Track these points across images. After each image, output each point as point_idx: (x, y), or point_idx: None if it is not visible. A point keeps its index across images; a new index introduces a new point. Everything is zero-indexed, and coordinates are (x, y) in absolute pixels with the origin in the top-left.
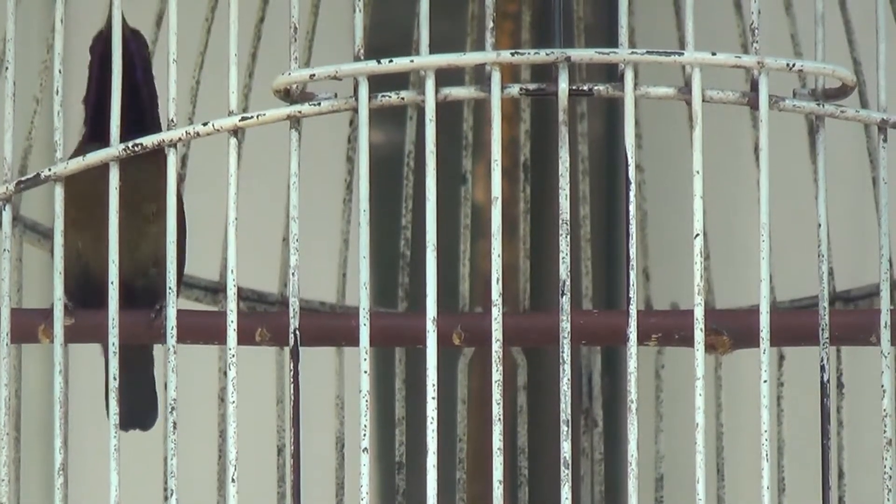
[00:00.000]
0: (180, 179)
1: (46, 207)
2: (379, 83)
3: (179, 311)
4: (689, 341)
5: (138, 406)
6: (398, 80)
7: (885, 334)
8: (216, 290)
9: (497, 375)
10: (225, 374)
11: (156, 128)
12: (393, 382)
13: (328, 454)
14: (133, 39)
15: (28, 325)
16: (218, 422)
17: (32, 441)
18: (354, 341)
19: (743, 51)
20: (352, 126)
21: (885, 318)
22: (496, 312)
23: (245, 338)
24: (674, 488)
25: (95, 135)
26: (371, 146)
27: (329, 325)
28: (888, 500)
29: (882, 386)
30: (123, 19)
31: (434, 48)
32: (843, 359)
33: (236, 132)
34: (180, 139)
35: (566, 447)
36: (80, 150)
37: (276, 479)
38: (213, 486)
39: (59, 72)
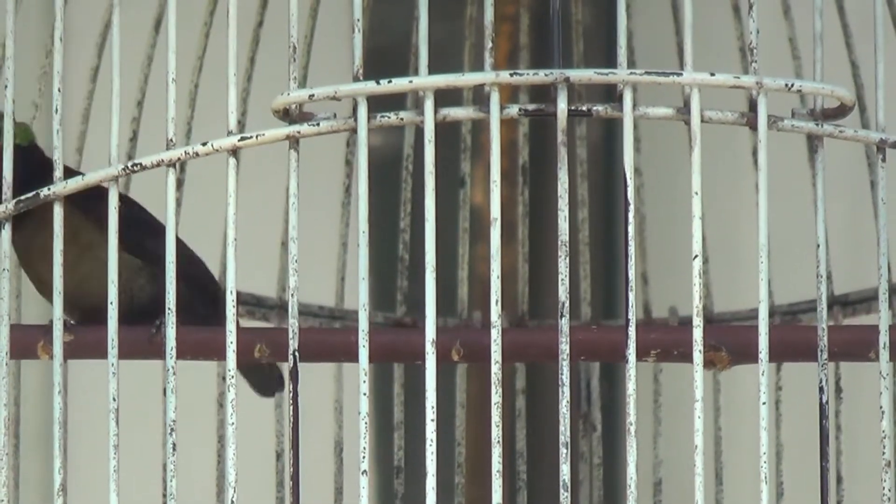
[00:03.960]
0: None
1: None
2: (378, 97)
3: (179, 329)
4: (687, 357)
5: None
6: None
7: (884, 355)
8: None
9: (496, 398)
10: (224, 378)
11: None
12: (392, 387)
13: (327, 459)
14: None
15: (27, 342)
16: (217, 426)
17: (32, 446)
18: (354, 357)
19: (741, 56)
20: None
21: (883, 338)
22: (495, 334)
23: (244, 353)
24: (672, 492)
25: None
26: (370, 149)
27: (328, 342)
28: None
29: (881, 407)
30: None
31: (432, 51)
32: (842, 363)
33: (235, 152)
34: (179, 159)
35: (565, 470)
36: None
37: (274, 484)
38: (212, 491)
39: (59, 90)
